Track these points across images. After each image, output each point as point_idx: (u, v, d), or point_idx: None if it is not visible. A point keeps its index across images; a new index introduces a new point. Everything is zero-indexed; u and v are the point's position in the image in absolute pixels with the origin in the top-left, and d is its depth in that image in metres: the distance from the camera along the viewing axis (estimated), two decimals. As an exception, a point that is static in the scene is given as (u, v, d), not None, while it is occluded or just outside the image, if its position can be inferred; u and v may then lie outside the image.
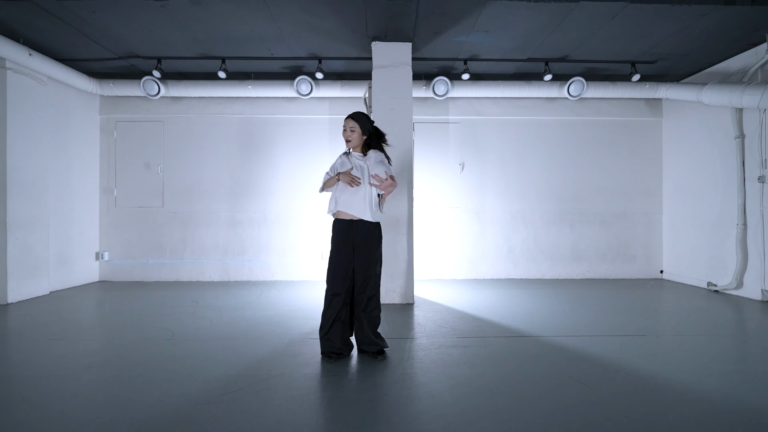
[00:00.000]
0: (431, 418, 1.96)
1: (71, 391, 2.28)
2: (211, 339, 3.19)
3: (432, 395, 2.21)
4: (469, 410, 2.03)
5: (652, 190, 6.11)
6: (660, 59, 5.04)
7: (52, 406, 2.09)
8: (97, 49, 4.79)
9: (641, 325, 3.60)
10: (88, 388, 2.31)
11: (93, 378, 2.45)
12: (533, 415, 1.99)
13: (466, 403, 2.11)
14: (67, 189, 5.44)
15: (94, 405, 2.10)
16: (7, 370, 2.59)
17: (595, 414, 2.00)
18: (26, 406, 2.09)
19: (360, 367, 2.63)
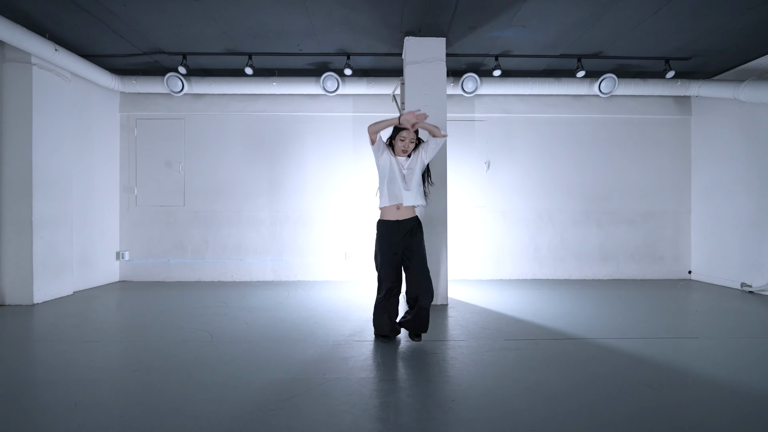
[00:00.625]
0: (510, 426, 1.87)
1: (124, 395, 2.19)
2: (252, 341, 3.10)
3: (502, 401, 2.11)
4: (548, 418, 1.94)
5: (681, 188, 6.02)
6: (695, 56, 4.95)
7: (109, 411, 2.01)
8: (123, 44, 4.71)
9: (688, 327, 3.51)
10: (140, 393, 2.22)
11: (143, 382, 2.36)
12: (614, 421, 1.89)
13: (541, 410, 2.02)
14: (89, 188, 5.36)
15: (152, 410, 2.02)
16: (51, 373, 2.50)
17: (677, 419, 1.91)
18: (82, 411, 2.00)
19: (416, 369, 2.54)
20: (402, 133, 2.89)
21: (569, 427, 1.85)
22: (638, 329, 3.42)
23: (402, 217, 2.91)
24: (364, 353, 2.81)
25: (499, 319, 3.73)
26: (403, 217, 2.92)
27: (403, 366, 2.61)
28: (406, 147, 2.91)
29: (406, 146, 2.91)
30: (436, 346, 2.97)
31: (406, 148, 2.91)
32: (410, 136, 2.89)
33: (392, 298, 3.00)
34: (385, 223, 2.94)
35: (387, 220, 2.94)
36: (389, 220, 2.92)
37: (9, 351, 2.91)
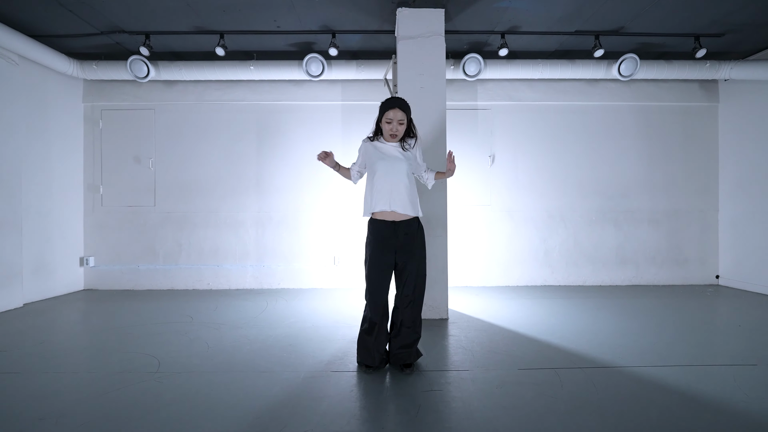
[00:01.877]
0: None
1: (3, 466, 1.60)
2: (207, 372, 2.51)
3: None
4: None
5: (708, 184, 5.41)
6: (730, 31, 4.34)
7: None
8: (76, 22, 4.12)
9: (740, 350, 2.91)
10: (29, 461, 1.63)
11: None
12: None
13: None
14: (46, 186, 4.77)
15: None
16: (-71, 425, 1.91)
17: None
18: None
19: (406, 416, 1.94)
20: (388, 113, 2.42)
21: None
22: (679, 352, 2.82)
23: (399, 218, 2.42)
24: (341, 391, 2.22)
25: (510, 339, 3.13)
26: (401, 217, 2.42)
27: (391, 410, 2.02)
28: (393, 131, 2.44)
29: (393, 129, 2.43)
30: (434, 379, 2.38)
31: (394, 131, 2.44)
32: (398, 116, 2.41)
33: (383, 319, 2.47)
34: (379, 223, 2.43)
35: (381, 219, 2.43)
36: (384, 220, 2.42)
37: None
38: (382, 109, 2.44)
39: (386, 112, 2.42)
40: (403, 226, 2.41)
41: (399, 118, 2.42)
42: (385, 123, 2.44)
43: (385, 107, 2.43)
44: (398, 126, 2.43)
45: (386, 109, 2.42)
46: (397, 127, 2.43)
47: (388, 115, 2.42)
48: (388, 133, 2.44)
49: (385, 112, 2.42)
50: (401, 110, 2.42)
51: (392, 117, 2.41)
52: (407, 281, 2.42)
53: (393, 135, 2.44)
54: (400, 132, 2.45)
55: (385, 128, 2.45)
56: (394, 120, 2.42)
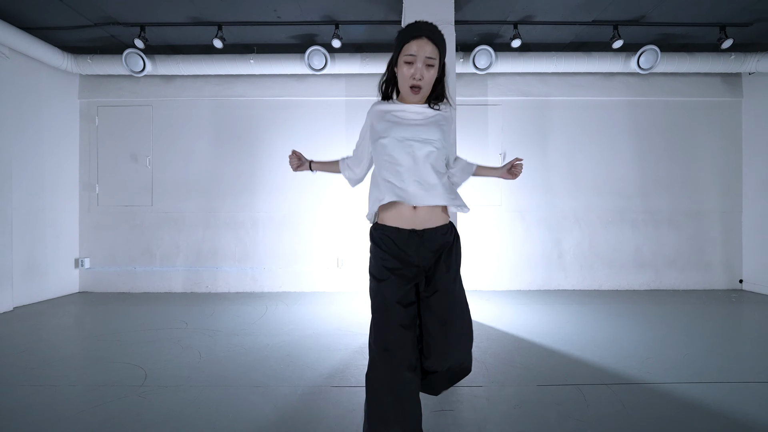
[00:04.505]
0: None
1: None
2: (195, 386, 2.30)
3: None
4: None
5: (731, 183, 5.13)
6: (759, 19, 4.07)
7: None
8: (69, 13, 3.94)
9: (779, 363, 2.65)
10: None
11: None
12: None
13: None
14: (38, 185, 4.60)
15: None
16: None
17: None
18: None
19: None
20: (411, 45, 1.40)
21: None
22: (714, 366, 2.57)
23: (421, 226, 1.43)
24: (342, 411, 2.00)
25: (526, 351, 2.89)
26: (423, 225, 1.43)
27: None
28: (417, 75, 1.41)
29: (416, 74, 1.40)
30: (444, 397, 2.15)
31: (418, 77, 1.41)
32: (425, 50, 1.39)
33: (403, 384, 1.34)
34: (388, 231, 1.45)
35: (391, 226, 1.45)
36: (395, 228, 1.44)
37: None
38: (400, 41, 1.43)
39: (407, 43, 1.41)
40: (429, 235, 1.44)
41: (428, 54, 1.39)
42: (403, 63, 1.42)
43: (404, 37, 1.42)
44: (425, 69, 1.41)
45: (407, 39, 1.41)
46: (423, 71, 1.40)
47: (409, 50, 1.40)
48: (408, 81, 1.42)
49: (405, 45, 1.41)
50: (431, 42, 1.40)
51: (415, 52, 1.39)
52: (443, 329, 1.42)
53: (415, 86, 1.43)
54: (427, 79, 1.42)
55: (404, 73, 1.42)
56: (419, 56, 1.39)
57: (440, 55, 1.42)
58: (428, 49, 1.39)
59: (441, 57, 1.43)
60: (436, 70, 1.44)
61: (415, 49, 1.38)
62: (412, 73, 1.40)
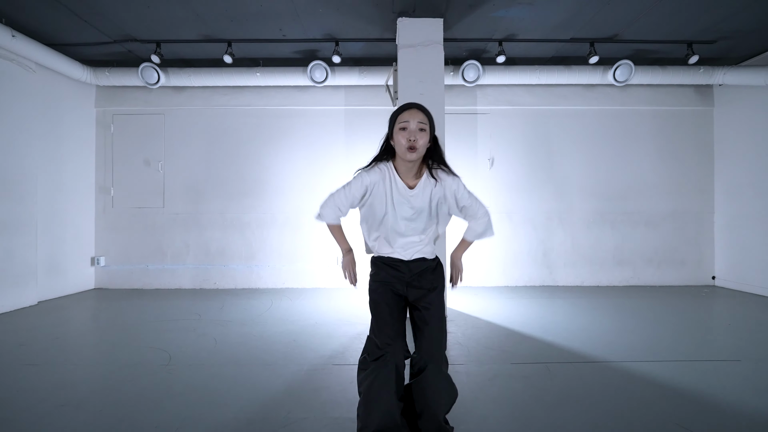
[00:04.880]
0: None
1: (32, 445, 1.75)
2: (215, 365, 2.65)
3: (507, 455, 1.65)
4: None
5: (703, 187, 5.51)
6: (721, 38, 4.45)
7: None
8: (91, 31, 4.29)
9: (725, 347, 3.02)
10: (54, 441, 1.78)
11: (66, 421, 1.92)
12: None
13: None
14: (59, 188, 4.95)
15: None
16: (-40, 410, 2.07)
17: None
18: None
19: (405, 405, 2.07)
20: (403, 115, 1.66)
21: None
22: (667, 349, 2.93)
23: (410, 257, 1.76)
24: (342, 382, 2.36)
25: (505, 336, 3.25)
26: (411, 256, 1.76)
27: (388, 400, 2.15)
28: (411, 137, 1.62)
29: (411, 136, 1.63)
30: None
31: (413, 138, 1.62)
32: (416, 117, 1.64)
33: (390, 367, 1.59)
34: (385, 260, 1.80)
35: (388, 256, 1.79)
36: (392, 258, 1.78)
37: (-73, 378, 2.48)
38: (395, 115, 1.70)
39: (401, 114, 1.67)
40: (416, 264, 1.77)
41: (419, 120, 1.63)
42: (399, 131, 1.64)
43: (398, 111, 1.70)
44: (418, 132, 1.63)
45: (401, 111, 1.68)
46: (416, 134, 1.63)
47: (403, 118, 1.65)
48: (405, 144, 1.62)
49: (400, 115, 1.67)
50: (421, 111, 1.67)
51: (408, 119, 1.64)
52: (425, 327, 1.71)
53: (411, 147, 1.62)
54: (421, 143, 1.64)
55: (401, 138, 1.63)
56: (411, 122, 1.63)
57: (430, 124, 1.67)
58: (419, 116, 1.64)
59: (431, 125, 1.67)
60: (428, 135, 1.66)
61: (407, 117, 1.64)
62: (407, 136, 1.62)
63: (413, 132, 1.62)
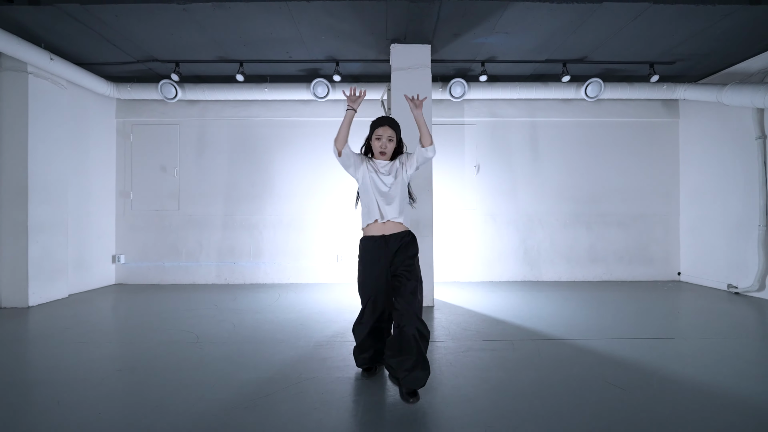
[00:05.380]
0: (471, 423, 1.94)
1: (106, 394, 2.28)
2: (237, 342, 3.18)
3: (468, 400, 2.19)
4: (508, 415, 2.01)
5: (670, 191, 6.07)
6: (679, 60, 5.01)
7: (90, 408, 2.09)
8: (117, 53, 4.82)
9: (667, 328, 3.56)
10: (122, 392, 2.31)
11: (126, 382, 2.45)
12: (575, 419, 1.96)
13: (505, 408, 2.09)
14: (85, 192, 5.47)
15: (131, 408, 2.10)
16: (40, 373, 2.59)
17: (637, 418, 1.97)
18: (63, 409, 2.09)
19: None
20: (377, 130, 2.41)
21: (528, 424, 1.92)
22: (617, 330, 3.47)
23: (389, 231, 2.39)
24: (343, 354, 2.89)
25: (482, 321, 3.79)
26: (390, 231, 2.39)
27: (378, 369, 2.68)
28: (383, 147, 2.40)
29: (383, 146, 2.40)
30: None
31: (384, 148, 2.40)
32: (387, 133, 2.39)
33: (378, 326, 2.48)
34: (369, 240, 2.42)
35: (372, 236, 2.41)
36: (374, 236, 2.40)
37: (1, 351, 3.00)
38: (372, 127, 2.44)
39: (376, 129, 2.41)
40: (394, 239, 2.38)
41: (388, 135, 2.39)
42: (374, 140, 2.41)
43: (374, 125, 2.43)
44: (387, 143, 2.40)
45: (376, 126, 2.42)
46: (386, 144, 2.39)
47: (378, 132, 2.40)
48: (378, 150, 2.40)
49: (375, 129, 2.42)
50: (390, 127, 2.40)
51: (381, 134, 2.39)
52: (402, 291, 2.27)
53: (382, 152, 2.41)
54: (389, 149, 2.41)
55: (375, 145, 2.41)
56: (383, 136, 2.39)
57: (397, 134, 2.44)
58: (389, 132, 2.42)
59: (398, 135, 2.45)
60: (395, 143, 2.45)
61: (381, 132, 2.42)
62: (380, 145, 2.42)
63: (384, 143, 2.42)
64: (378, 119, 2.44)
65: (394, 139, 2.43)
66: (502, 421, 1.95)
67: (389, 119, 2.42)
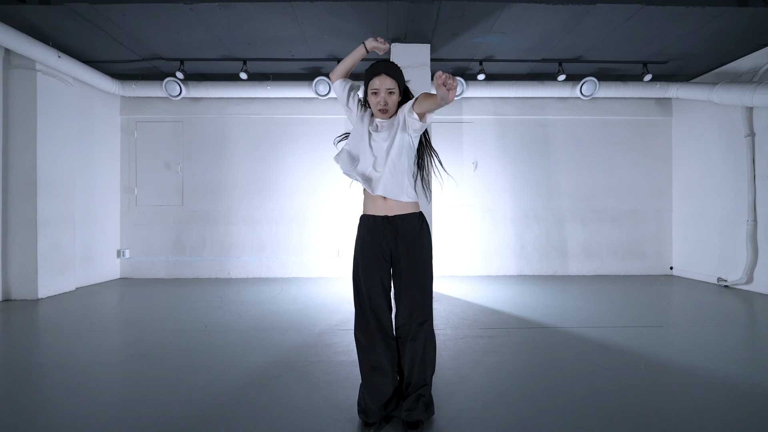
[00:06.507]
0: (467, 399, 2.08)
1: (123, 376, 2.41)
2: (244, 330, 3.32)
3: (466, 380, 2.32)
4: (502, 392, 2.15)
5: (662, 188, 6.22)
6: (671, 59, 5.15)
7: (110, 388, 2.22)
8: (123, 51, 4.93)
9: (656, 318, 3.71)
10: (138, 374, 2.44)
11: (140, 366, 2.58)
12: (566, 398, 2.10)
13: (500, 387, 2.23)
14: (91, 188, 5.58)
15: (148, 388, 2.23)
16: (59, 358, 2.71)
17: (624, 396, 2.11)
18: (84, 388, 2.22)
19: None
20: (373, 82, 1.81)
21: (520, 400, 2.06)
22: (608, 320, 3.62)
23: (393, 212, 1.83)
24: (345, 340, 3.02)
25: (479, 311, 3.94)
26: (394, 212, 1.83)
27: (382, 351, 2.82)
28: (380, 103, 1.81)
29: (379, 101, 1.81)
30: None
31: (381, 104, 1.81)
32: (385, 84, 1.80)
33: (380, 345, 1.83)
34: (368, 219, 1.86)
35: (371, 214, 1.86)
36: (374, 215, 1.84)
37: (18, 340, 3.13)
38: (366, 79, 1.84)
39: (371, 80, 1.81)
40: (398, 221, 1.81)
41: (387, 87, 1.80)
42: (371, 95, 1.82)
43: (369, 75, 1.82)
44: (387, 96, 1.80)
45: (370, 76, 1.81)
46: (386, 99, 1.80)
47: (373, 85, 1.80)
48: (376, 108, 1.82)
49: (370, 81, 1.82)
50: (388, 76, 1.80)
51: (378, 86, 1.79)
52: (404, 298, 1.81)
53: (383, 110, 1.82)
54: (391, 104, 1.82)
55: (372, 102, 1.83)
56: (381, 90, 1.79)
57: (399, 84, 1.82)
58: (388, 82, 1.79)
59: (400, 85, 1.84)
60: (397, 95, 1.83)
61: (377, 84, 1.79)
62: (377, 101, 1.80)
63: (383, 98, 1.80)
64: (372, 66, 1.83)
65: (396, 90, 1.83)
66: (496, 398, 2.09)
67: (386, 64, 1.83)
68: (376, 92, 1.80)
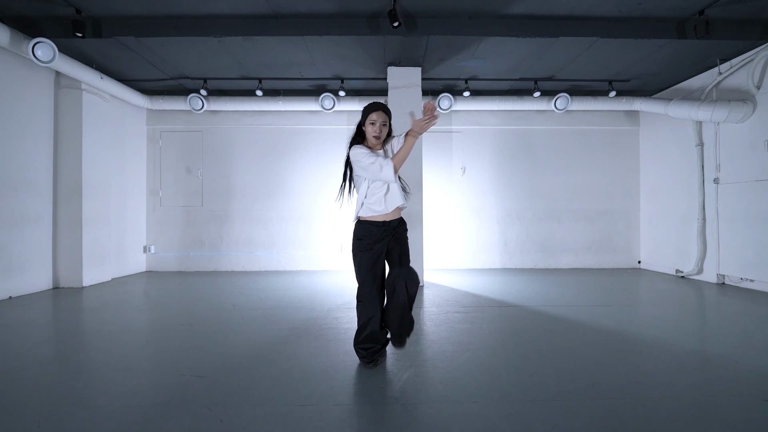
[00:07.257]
0: (442, 349, 2.81)
1: (179, 337, 3.14)
2: (266, 308, 4.05)
3: (441, 339, 3.06)
4: (471, 346, 2.88)
5: (631, 190, 6.95)
6: (633, 78, 5.89)
7: (172, 346, 2.95)
8: (155, 71, 5.66)
9: (608, 299, 4.43)
10: (190, 335, 3.17)
11: (190, 330, 3.31)
12: (516, 349, 2.83)
13: (467, 343, 2.96)
14: (122, 191, 6.32)
15: (200, 346, 2.96)
16: (121, 325, 3.44)
17: (559, 348, 2.84)
18: (151, 346, 2.95)
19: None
20: (371, 115, 2.43)
21: (483, 350, 2.79)
22: (568, 300, 4.35)
23: (390, 218, 2.53)
24: (350, 315, 3.76)
25: (462, 295, 4.67)
26: (391, 217, 2.53)
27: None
28: (378, 132, 2.43)
29: (378, 131, 2.42)
30: (406, 311, 3.91)
31: (377, 131, 2.42)
32: (381, 118, 2.42)
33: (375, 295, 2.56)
34: (370, 225, 2.53)
35: (373, 221, 2.52)
36: (375, 221, 2.51)
37: (86, 315, 3.85)
38: (366, 113, 2.44)
39: (369, 114, 2.42)
40: (393, 224, 2.54)
41: (382, 120, 2.41)
42: (369, 125, 2.42)
43: (368, 110, 2.43)
44: (381, 128, 2.42)
45: (370, 111, 2.42)
46: (381, 129, 2.42)
47: (372, 117, 2.41)
48: (372, 135, 2.42)
49: (369, 115, 2.42)
50: (384, 113, 2.42)
51: (376, 119, 2.40)
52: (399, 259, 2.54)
53: (377, 137, 2.42)
54: (383, 134, 2.44)
55: (369, 130, 2.43)
56: (377, 122, 2.40)
57: (389, 120, 2.47)
58: (383, 117, 2.42)
59: (389, 120, 2.48)
60: (387, 128, 2.49)
61: (375, 117, 2.41)
62: (374, 129, 2.42)
63: (378, 128, 2.42)
64: (371, 104, 2.45)
65: (387, 124, 2.46)
66: (464, 349, 2.82)
67: (382, 104, 2.45)
68: (374, 123, 2.42)
